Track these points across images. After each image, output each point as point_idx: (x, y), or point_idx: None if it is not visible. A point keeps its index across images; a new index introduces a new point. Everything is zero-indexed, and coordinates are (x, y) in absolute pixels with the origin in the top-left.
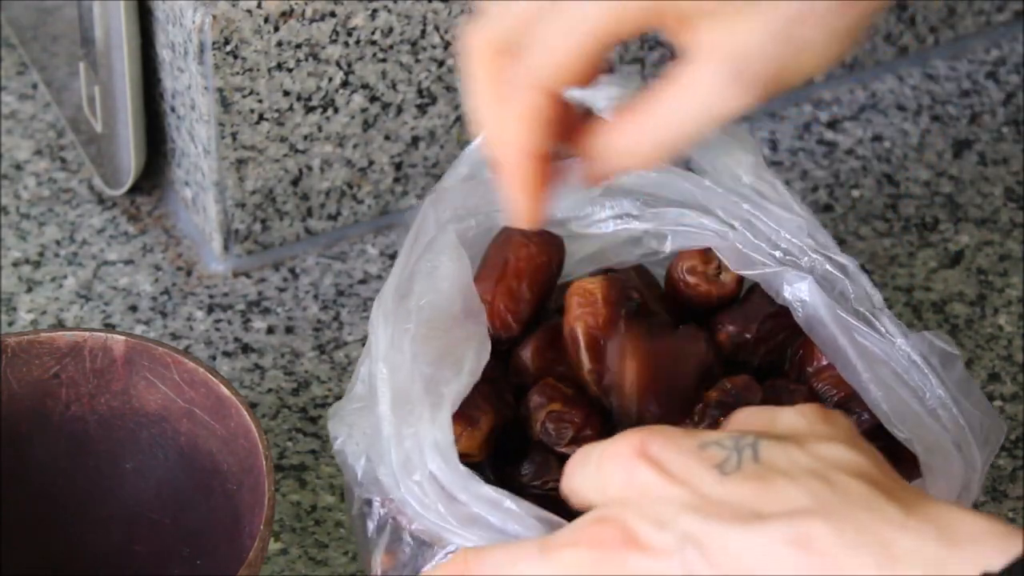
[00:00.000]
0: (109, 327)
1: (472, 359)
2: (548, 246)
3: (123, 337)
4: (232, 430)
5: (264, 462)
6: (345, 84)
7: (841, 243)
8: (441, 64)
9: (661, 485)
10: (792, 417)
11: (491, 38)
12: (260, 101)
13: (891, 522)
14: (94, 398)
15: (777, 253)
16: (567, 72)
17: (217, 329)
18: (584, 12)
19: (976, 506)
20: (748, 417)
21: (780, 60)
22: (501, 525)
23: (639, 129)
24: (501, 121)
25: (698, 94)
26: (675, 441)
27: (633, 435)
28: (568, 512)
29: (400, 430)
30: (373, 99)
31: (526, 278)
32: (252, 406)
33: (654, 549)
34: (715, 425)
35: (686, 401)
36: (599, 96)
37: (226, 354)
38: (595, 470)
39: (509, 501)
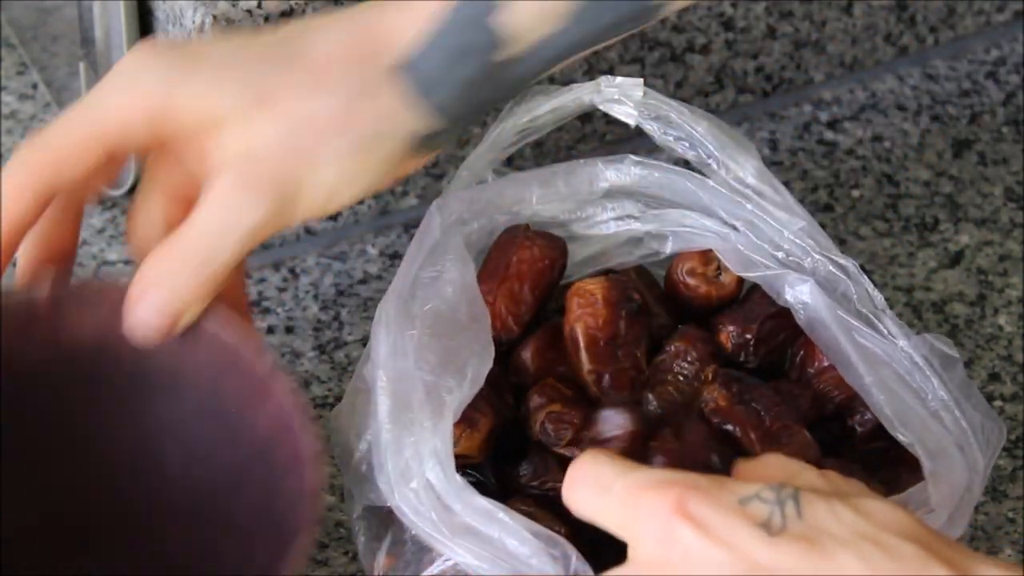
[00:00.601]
0: None
1: (475, 366)
2: (550, 248)
3: None
4: (274, 407)
5: (303, 437)
6: None
7: (841, 243)
8: None
9: (705, 548)
10: (813, 477)
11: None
12: None
13: None
14: (143, 354)
15: (779, 255)
16: (64, 162)
17: None
18: (91, 115)
19: (976, 507)
20: (765, 469)
21: (288, 164)
22: (494, 537)
23: (168, 256)
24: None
25: (216, 207)
26: (715, 497)
27: (669, 488)
28: (566, 516)
29: (399, 438)
30: None
31: (528, 280)
32: None
33: None
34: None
35: None
36: (601, 96)
37: None
38: (619, 507)
39: (503, 513)
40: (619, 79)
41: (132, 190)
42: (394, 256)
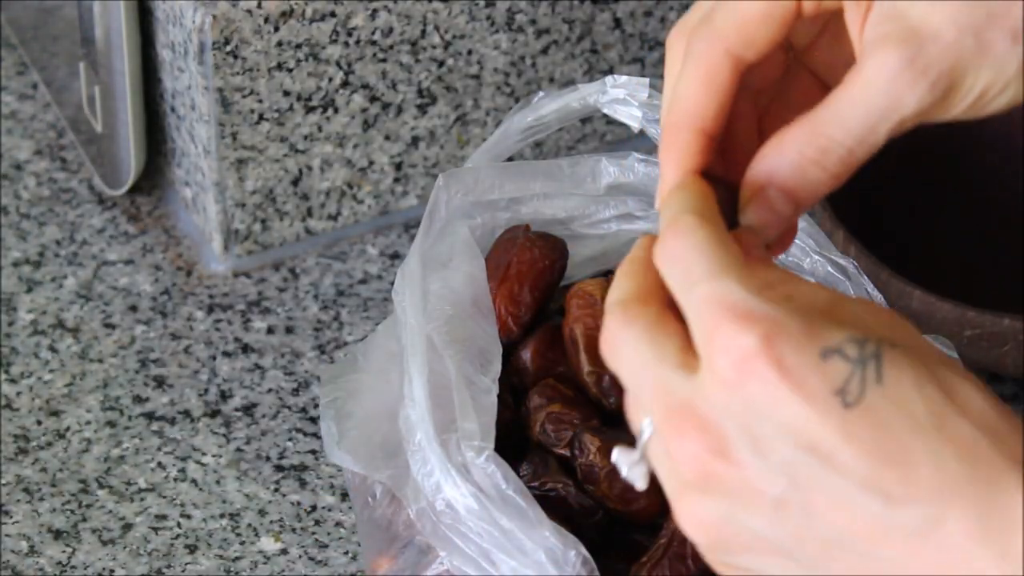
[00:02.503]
0: (109, 327)
1: (495, 364)
2: (551, 250)
3: None
4: None
5: None
6: (345, 84)
7: None
8: (441, 64)
9: (783, 395)
10: (907, 334)
11: (687, 23)
12: (260, 101)
13: (1014, 492)
14: None
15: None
16: (748, 32)
17: (217, 329)
18: None
19: None
20: (799, 292)
21: (960, 51)
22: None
23: (805, 135)
24: (674, 84)
25: (869, 85)
26: (800, 345)
27: (756, 324)
28: (567, 516)
29: (438, 436)
30: (373, 99)
31: (528, 281)
32: (252, 406)
33: (746, 477)
34: None
35: None
36: (606, 97)
37: (226, 354)
38: (697, 315)
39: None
40: (624, 78)
41: (132, 190)
42: (394, 256)
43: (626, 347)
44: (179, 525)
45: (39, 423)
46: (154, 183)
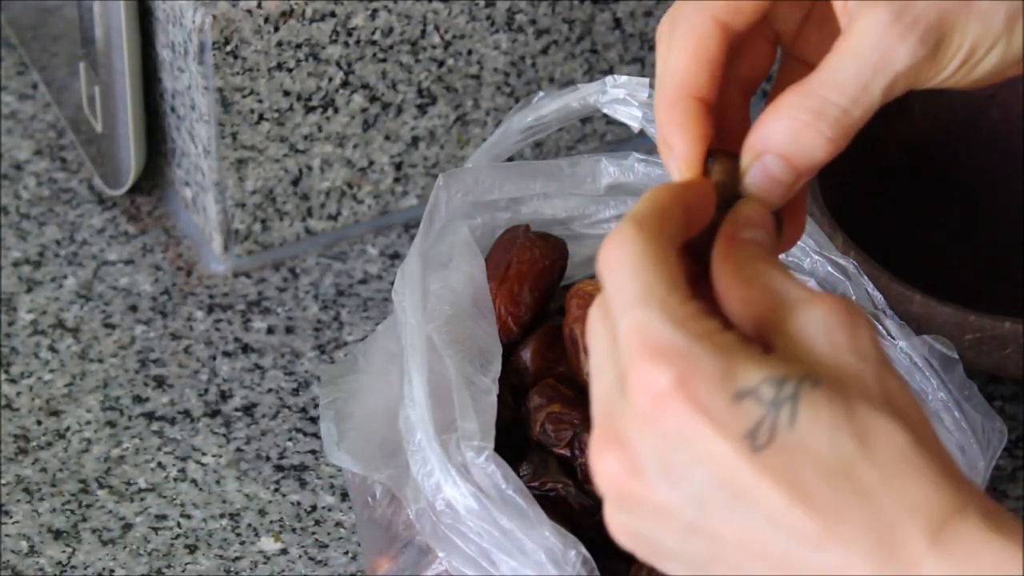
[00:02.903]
0: (109, 327)
1: (495, 364)
2: (551, 250)
3: None
4: None
5: None
6: (345, 84)
7: None
8: (441, 64)
9: (698, 430)
10: (813, 336)
11: (672, 11)
12: (260, 101)
13: (916, 550)
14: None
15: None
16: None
17: (217, 329)
18: None
19: None
20: (768, 289)
21: (946, 6)
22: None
23: (799, 98)
24: (665, 56)
25: (860, 42)
26: (715, 384)
27: (673, 362)
28: (567, 516)
29: (438, 436)
30: (373, 99)
31: (528, 282)
32: (252, 406)
33: (658, 501)
34: None
35: None
36: (606, 97)
37: (226, 354)
38: (622, 345)
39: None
40: (624, 78)
41: (132, 190)
42: (394, 256)
43: (592, 342)
44: (179, 525)
45: (39, 423)
46: (154, 183)
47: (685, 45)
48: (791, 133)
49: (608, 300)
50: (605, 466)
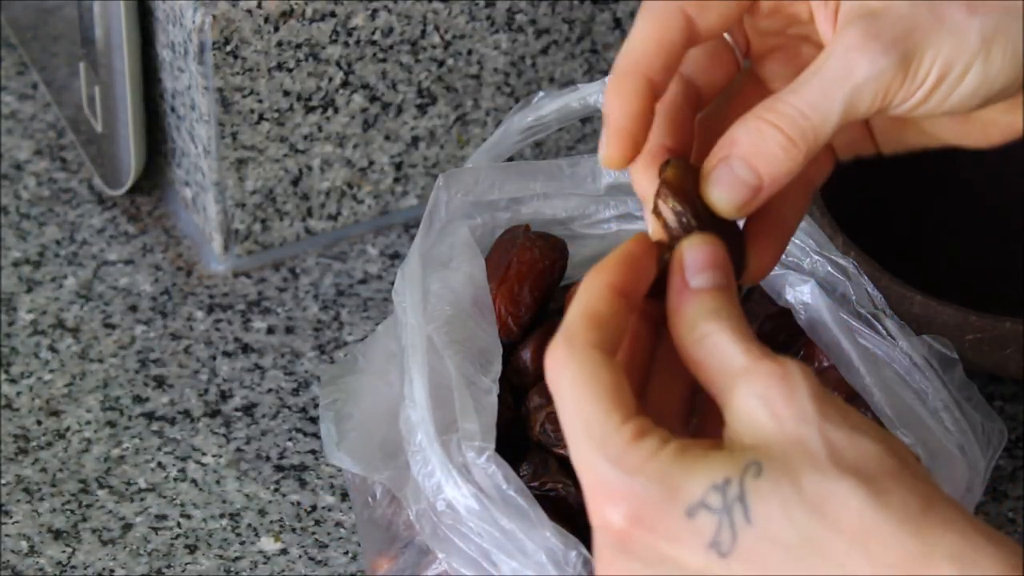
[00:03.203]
0: (109, 327)
1: (496, 365)
2: (551, 250)
3: None
4: None
5: None
6: (345, 84)
7: None
8: (441, 64)
9: (664, 559)
10: (753, 410)
11: None
12: (260, 101)
13: None
14: None
15: None
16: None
17: (217, 329)
18: None
19: (977, 506)
20: (715, 350)
21: (915, 22)
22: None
23: (767, 103)
24: (630, 38)
25: (827, 58)
26: (665, 511)
27: (622, 502)
28: (567, 517)
29: (439, 437)
30: (373, 99)
31: (528, 282)
32: (252, 406)
33: None
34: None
35: None
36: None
37: (226, 354)
38: (581, 478)
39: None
40: None
41: (132, 190)
42: (394, 256)
43: (561, 392)
44: (179, 525)
45: (39, 423)
46: (154, 183)
47: (648, 26)
48: (756, 134)
49: (558, 410)
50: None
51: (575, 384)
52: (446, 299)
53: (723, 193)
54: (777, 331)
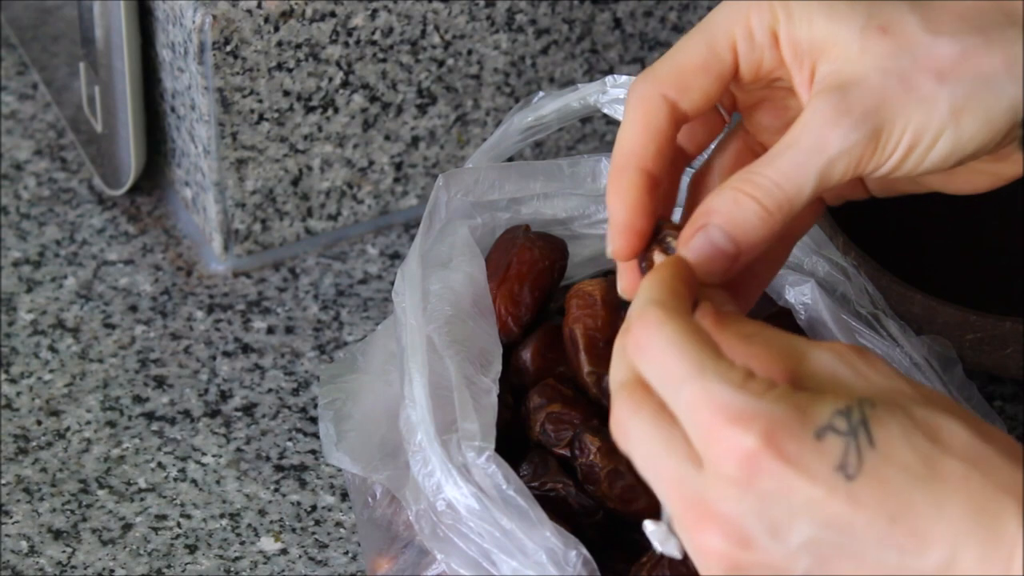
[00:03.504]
0: (109, 327)
1: (496, 364)
2: (551, 250)
3: None
4: None
5: None
6: (345, 84)
7: None
8: (441, 64)
9: (799, 484)
10: (833, 366)
11: (651, 78)
12: (260, 101)
13: (1009, 520)
14: None
15: None
16: (685, 79)
17: (217, 329)
18: (711, 20)
19: None
20: (771, 341)
21: (886, 98)
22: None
23: (743, 173)
24: (620, 132)
25: (800, 130)
26: (796, 433)
27: (753, 423)
28: (567, 517)
29: (439, 437)
30: (373, 99)
31: (527, 281)
32: (252, 406)
33: (771, 562)
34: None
35: None
36: (606, 97)
37: (226, 354)
38: (690, 421)
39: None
40: (624, 78)
41: (132, 190)
42: (394, 256)
43: (636, 434)
44: (179, 525)
45: (39, 423)
46: (154, 183)
47: (634, 117)
48: (732, 203)
49: (654, 383)
50: (710, 546)
51: (679, 336)
52: (446, 299)
53: (703, 260)
54: None
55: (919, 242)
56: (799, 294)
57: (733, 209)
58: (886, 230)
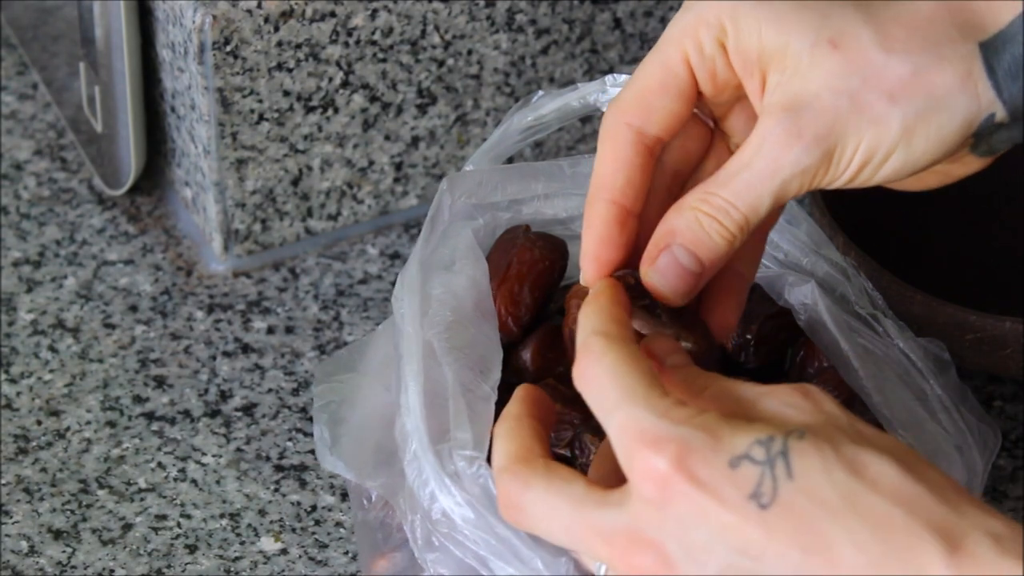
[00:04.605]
0: (109, 327)
1: (495, 371)
2: (550, 250)
3: None
4: None
5: None
6: (345, 84)
7: None
8: (441, 64)
9: (707, 506)
10: (780, 405)
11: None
12: (260, 101)
13: (933, 561)
14: None
15: (779, 255)
16: (647, 104)
17: (217, 329)
18: (663, 39)
19: None
20: (767, 404)
21: (839, 116)
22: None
23: (700, 193)
24: (595, 164)
25: (751, 147)
26: (709, 458)
27: (667, 445)
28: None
29: (432, 446)
30: (373, 99)
31: (528, 281)
32: (252, 406)
33: None
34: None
35: None
36: (606, 96)
37: (226, 354)
38: (618, 442)
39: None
40: (624, 78)
41: (132, 190)
42: (394, 256)
43: (537, 509)
44: (179, 525)
45: (39, 423)
46: (154, 183)
47: (603, 149)
48: (693, 223)
49: (594, 410)
50: (641, 567)
51: (616, 365)
52: (448, 304)
53: (668, 280)
54: (777, 331)
55: (919, 242)
56: (799, 294)
57: (695, 228)
58: (886, 230)
